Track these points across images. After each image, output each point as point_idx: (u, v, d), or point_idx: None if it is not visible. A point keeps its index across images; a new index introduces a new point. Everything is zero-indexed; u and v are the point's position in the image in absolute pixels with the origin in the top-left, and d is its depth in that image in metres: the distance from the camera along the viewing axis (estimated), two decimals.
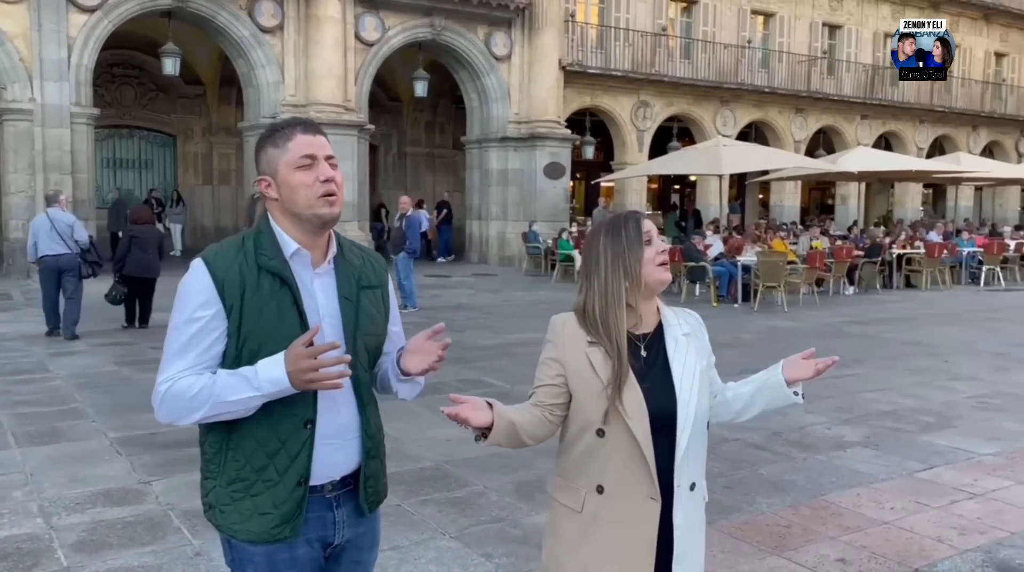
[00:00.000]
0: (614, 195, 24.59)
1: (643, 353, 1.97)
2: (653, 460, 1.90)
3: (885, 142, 28.54)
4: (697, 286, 14.48)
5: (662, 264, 1.98)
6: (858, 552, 3.86)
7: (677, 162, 17.89)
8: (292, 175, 1.84)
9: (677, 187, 30.25)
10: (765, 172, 21.14)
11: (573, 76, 20.81)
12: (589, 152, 21.83)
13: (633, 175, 20.81)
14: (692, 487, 1.98)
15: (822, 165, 18.32)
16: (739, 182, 26.70)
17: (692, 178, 26.96)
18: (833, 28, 27.12)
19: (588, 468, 1.96)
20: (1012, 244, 19.20)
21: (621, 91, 22.33)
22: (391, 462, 4.99)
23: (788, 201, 26.61)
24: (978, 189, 30.94)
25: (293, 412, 1.81)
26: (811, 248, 15.11)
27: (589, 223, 20.36)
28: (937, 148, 30.03)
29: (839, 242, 17.09)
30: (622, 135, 22.52)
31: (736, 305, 13.28)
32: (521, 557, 3.78)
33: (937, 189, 31.50)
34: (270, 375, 1.72)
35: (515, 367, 7.84)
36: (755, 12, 25.32)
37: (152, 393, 1.82)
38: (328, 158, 1.87)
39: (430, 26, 18.37)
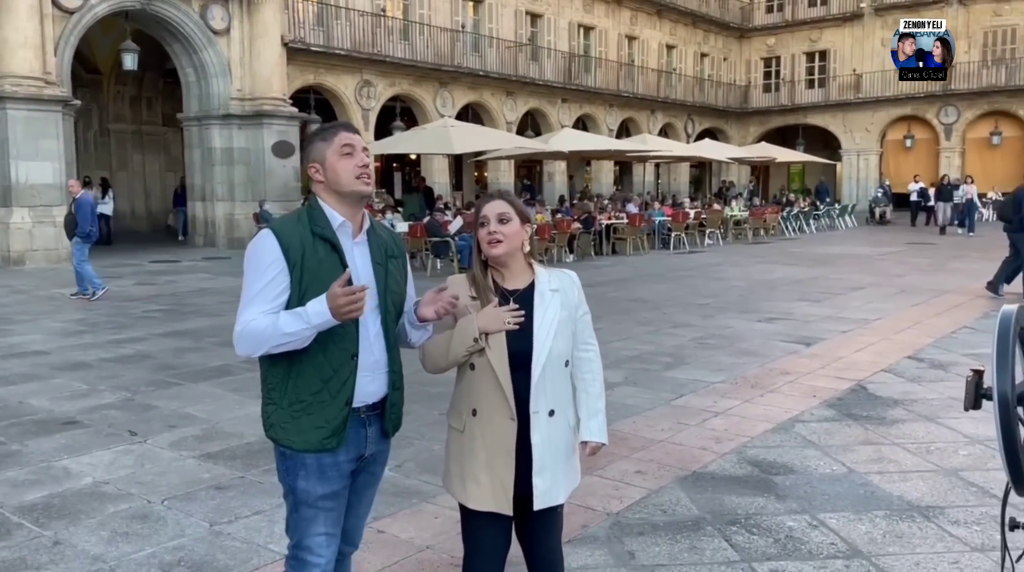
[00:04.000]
0: None
1: (511, 304, 2.44)
2: (511, 388, 2.36)
3: (582, 123, 31.43)
4: (439, 261, 15.26)
5: (489, 242, 2.40)
6: (649, 464, 4.76)
7: (409, 141, 18.51)
8: (337, 161, 2.32)
9: (397, 165, 30.91)
10: (482, 152, 22.46)
11: (296, 53, 20.57)
12: None
13: None
14: (551, 413, 2.41)
15: (538, 145, 19.95)
16: (456, 161, 27.97)
17: (413, 156, 27.77)
18: (535, 17, 29.24)
19: (466, 396, 2.46)
20: (692, 213, 22.34)
21: (344, 70, 22.44)
22: (214, 443, 5.13)
23: (504, 178, 28.42)
24: (656, 165, 35.17)
25: (343, 347, 2.29)
26: (536, 221, 16.51)
27: None
28: (624, 130, 33.62)
29: (558, 215, 18.81)
30: (347, 114, 22.65)
31: None
32: (379, 504, 4.18)
33: (624, 166, 35.27)
34: (315, 309, 2.19)
35: None
36: None
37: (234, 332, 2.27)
38: (364, 150, 2.36)
39: None
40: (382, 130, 23.45)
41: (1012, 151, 33.30)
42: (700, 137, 35.87)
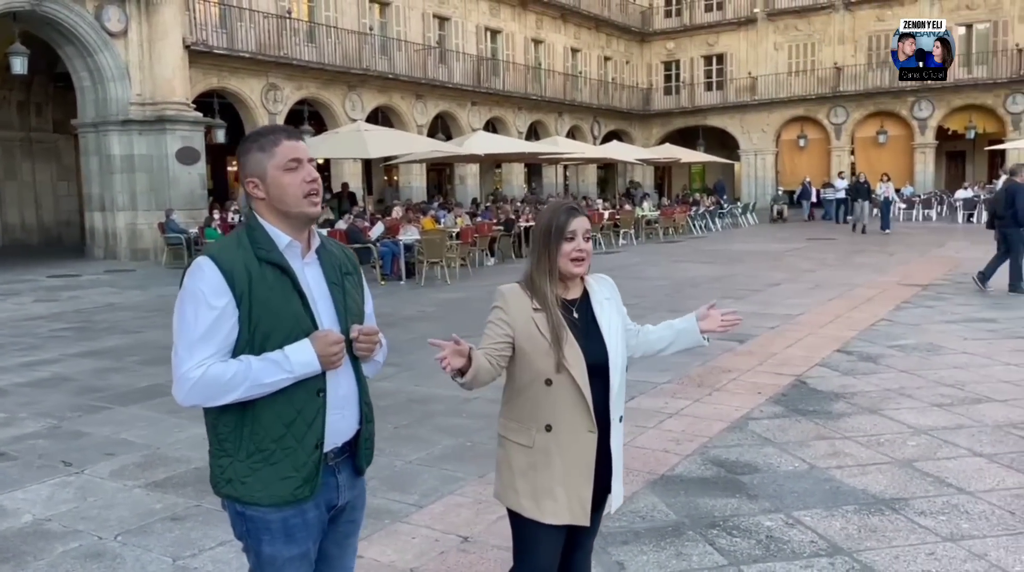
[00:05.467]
0: None
1: (575, 315, 2.43)
2: (591, 401, 2.38)
3: (492, 126, 31.42)
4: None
5: (575, 259, 2.39)
6: None
7: (322, 146, 18.06)
8: (281, 176, 2.03)
9: None
10: (394, 155, 22.13)
11: (198, 56, 19.82)
12: (220, 136, 20.95)
13: None
14: (620, 419, 2.48)
15: (453, 148, 19.82)
16: (366, 164, 27.52)
17: (321, 160, 27.16)
18: (442, 20, 29.08)
19: (537, 411, 2.39)
20: (605, 214, 22.65)
21: (249, 73, 21.76)
22: (159, 470, 4.87)
23: (416, 182, 28.16)
24: (565, 167, 35.53)
25: (307, 383, 2.02)
26: (456, 225, 16.41)
27: (234, 208, 19.58)
28: (533, 132, 33.83)
29: (477, 218, 18.74)
30: (253, 118, 21.96)
31: (402, 282, 14.05)
32: None
33: (534, 168, 35.48)
34: (302, 358, 1.97)
35: None
36: (372, 0, 26.20)
37: (176, 378, 1.96)
38: (310, 161, 2.09)
39: None
40: None
41: (897, 149, 35.15)
42: (606, 139, 36.44)
